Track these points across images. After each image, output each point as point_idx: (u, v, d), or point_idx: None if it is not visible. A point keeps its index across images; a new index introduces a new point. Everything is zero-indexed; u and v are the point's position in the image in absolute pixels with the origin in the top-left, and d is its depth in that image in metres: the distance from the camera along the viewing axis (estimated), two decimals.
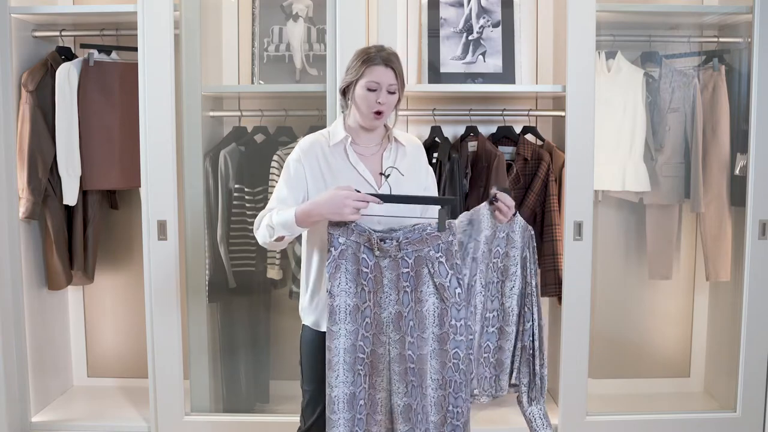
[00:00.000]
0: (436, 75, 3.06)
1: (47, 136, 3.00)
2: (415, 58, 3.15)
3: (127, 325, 3.44)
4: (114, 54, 3.13)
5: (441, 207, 2.00)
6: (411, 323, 2.04)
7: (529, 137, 3.10)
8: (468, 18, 3.09)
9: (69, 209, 3.14)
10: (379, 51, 2.08)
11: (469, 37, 3.08)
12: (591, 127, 2.84)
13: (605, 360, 3.33)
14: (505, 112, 3.09)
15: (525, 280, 2.20)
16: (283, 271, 3.07)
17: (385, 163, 2.14)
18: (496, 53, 3.08)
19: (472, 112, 3.09)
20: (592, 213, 2.88)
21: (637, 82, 3.08)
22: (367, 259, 2.02)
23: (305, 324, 2.20)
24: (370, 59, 2.06)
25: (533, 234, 2.20)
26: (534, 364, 2.21)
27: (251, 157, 3.06)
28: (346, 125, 2.16)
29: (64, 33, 3.09)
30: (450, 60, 3.08)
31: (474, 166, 2.99)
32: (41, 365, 3.16)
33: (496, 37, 3.09)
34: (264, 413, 3.12)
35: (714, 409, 3.17)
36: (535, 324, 2.21)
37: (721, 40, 3.12)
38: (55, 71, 3.00)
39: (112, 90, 3.08)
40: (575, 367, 2.92)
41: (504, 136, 3.10)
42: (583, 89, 2.82)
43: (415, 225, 2.03)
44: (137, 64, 2.83)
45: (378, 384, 2.07)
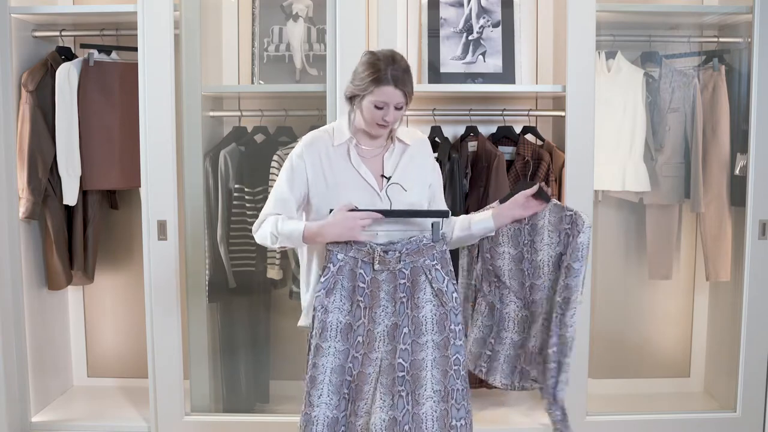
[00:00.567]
0: (436, 75, 3.06)
1: (47, 136, 3.00)
2: (415, 58, 3.15)
3: (127, 325, 3.44)
4: (114, 54, 3.13)
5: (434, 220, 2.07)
6: (405, 330, 2.05)
7: (529, 137, 3.10)
8: (468, 18, 3.09)
9: (69, 209, 3.14)
10: (390, 66, 1.98)
11: (469, 37, 3.08)
12: (591, 127, 2.84)
13: (605, 360, 3.33)
14: (505, 112, 3.09)
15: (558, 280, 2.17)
16: (283, 271, 3.07)
17: (386, 165, 2.12)
18: (496, 53, 3.08)
19: (472, 112, 3.09)
20: (592, 213, 2.87)
21: (637, 82, 3.08)
22: (364, 274, 2.05)
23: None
24: (379, 79, 1.98)
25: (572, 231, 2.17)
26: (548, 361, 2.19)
27: (251, 157, 3.06)
28: (351, 126, 2.13)
29: (64, 33, 3.09)
30: (450, 60, 3.08)
31: (474, 166, 2.99)
32: (41, 365, 3.16)
33: (496, 37, 3.09)
34: (264, 413, 3.12)
35: (714, 409, 3.17)
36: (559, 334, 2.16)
37: (721, 40, 3.11)
38: (55, 71, 2.99)
39: (112, 90, 3.07)
40: (575, 367, 2.91)
41: (504, 136, 3.10)
42: (583, 89, 2.82)
43: (411, 237, 2.07)
44: (137, 64, 2.83)
45: (360, 409, 2.05)
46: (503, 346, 2.29)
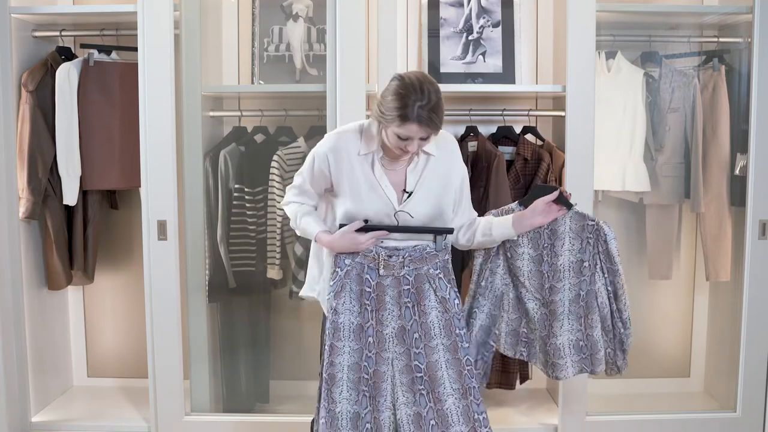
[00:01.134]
0: (436, 75, 3.05)
1: (47, 136, 3.00)
2: (415, 58, 3.15)
3: (127, 325, 3.44)
4: (114, 54, 3.13)
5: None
6: (416, 335, 2.14)
7: (529, 137, 3.10)
8: (468, 18, 3.09)
9: (69, 209, 3.14)
10: (418, 102, 1.93)
11: (469, 37, 3.08)
12: (591, 127, 2.84)
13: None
14: (505, 112, 3.09)
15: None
16: (283, 271, 3.07)
17: (409, 178, 2.15)
18: (496, 53, 3.08)
19: (472, 112, 3.09)
20: (592, 213, 2.87)
21: (637, 82, 3.08)
22: (370, 279, 2.15)
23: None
24: (405, 117, 1.93)
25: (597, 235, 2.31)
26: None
27: (251, 157, 3.06)
28: (380, 138, 2.09)
29: (64, 33, 3.09)
30: (450, 60, 3.08)
31: (474, 166, 2.99)
32: (41, 365, 3.16)
33: (496, 37, 3.09)
34: (264, 413, 3.12)
35: (714, 409, 3.17)
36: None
37: (721, 40, 3.11)
38: (55, 71, 2.99)
39: (112, 90, 3.07)
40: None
41: (504, 136, 3.11)
42: (583, 89, 2.82)
43: (416, 246, 2.15)
44: (137, 64, 2.83)
45: (381, 405, 2.14)
46: (534, 335, 2.37)
